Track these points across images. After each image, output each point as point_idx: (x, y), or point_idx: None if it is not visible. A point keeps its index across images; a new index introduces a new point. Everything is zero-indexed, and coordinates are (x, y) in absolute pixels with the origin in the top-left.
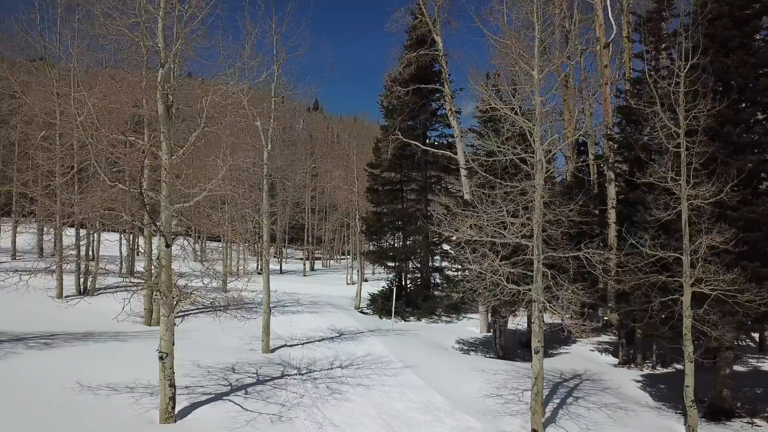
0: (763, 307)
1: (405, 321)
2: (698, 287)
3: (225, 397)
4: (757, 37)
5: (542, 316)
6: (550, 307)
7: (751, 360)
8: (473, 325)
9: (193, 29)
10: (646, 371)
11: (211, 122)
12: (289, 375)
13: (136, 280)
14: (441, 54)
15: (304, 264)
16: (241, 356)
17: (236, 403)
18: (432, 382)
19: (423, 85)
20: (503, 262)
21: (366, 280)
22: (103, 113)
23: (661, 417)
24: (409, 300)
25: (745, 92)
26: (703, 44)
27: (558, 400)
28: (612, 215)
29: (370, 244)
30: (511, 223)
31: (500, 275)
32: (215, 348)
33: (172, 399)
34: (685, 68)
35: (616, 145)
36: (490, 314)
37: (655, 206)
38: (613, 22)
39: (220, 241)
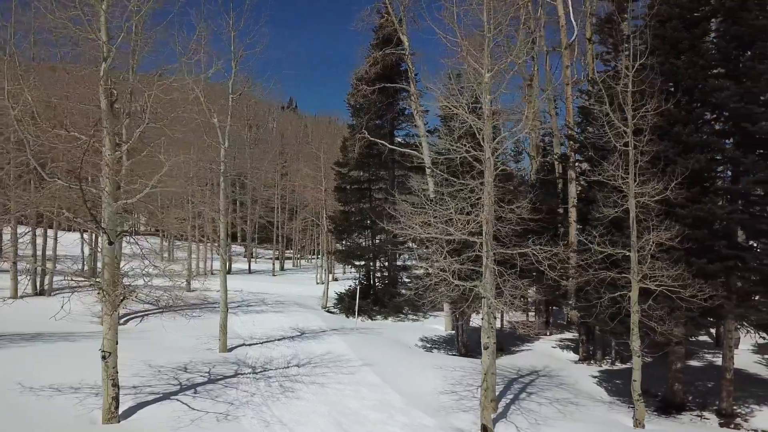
0: (707, 301)
1: (372, 320)
2: (644, 283)
3: (173, 397)
4: (707, 39)
5: (492, 312)
6: (496, 302)
7: (707, 355)
8: (439, 324)
9: (136, 23)
10: (605, 367)
11: (157, 118)
12: (242, 374)
13: (78, 278)
14: (407, 53)
15: (273, 264)
16: (196, 355)
17: (184, 403)
18: (390, 380)
19: (389, 84)
20: (453, 258)
21: (336, 280)
22: (50, 108)
23: (612, 411)
24: (376, 299)
25: (694, 93)
26: (654, 45)
27: (511, 396)
28: (573, 213)
29: (340, 243)
30: (458, 220)
31: (449, 272)
32: (171, 347)
33: (116, 399)
34: (633, 69)
35: (577, 145)
36: (453, 312)
37: (605, 204)
38: (574, 24)
39: (183, 239)
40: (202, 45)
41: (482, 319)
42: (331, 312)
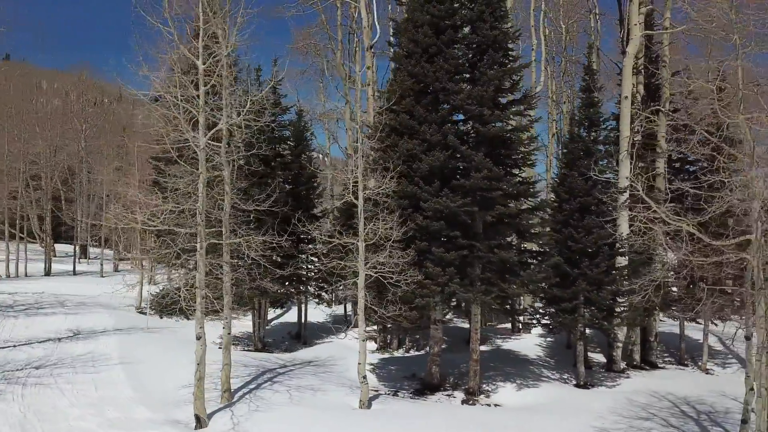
0: (423, 286)
1: (188, 319)
2: (368, 270)
3: None
4: (456, 47)
5: (204, 302)
6: (208, 292)
7: (498, 341)
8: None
9: None
10: (398, 354)
11: None
12: None
13: None
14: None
15: (102, 264)
16: None
17: None
18: (137, 377)
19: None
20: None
21: (171, 280)
22: None
23: (352, 395)
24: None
25: (440, 95)
26: (409, 49)
27: (254, 385)
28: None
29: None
30: (171, 210)
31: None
32: None
33: None
34: (360, 70)
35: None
36: (252, 309)
37: (337, 197)
38: (378, 27)
39: None
40: None
41: (196, 309)
42: (142, 313)
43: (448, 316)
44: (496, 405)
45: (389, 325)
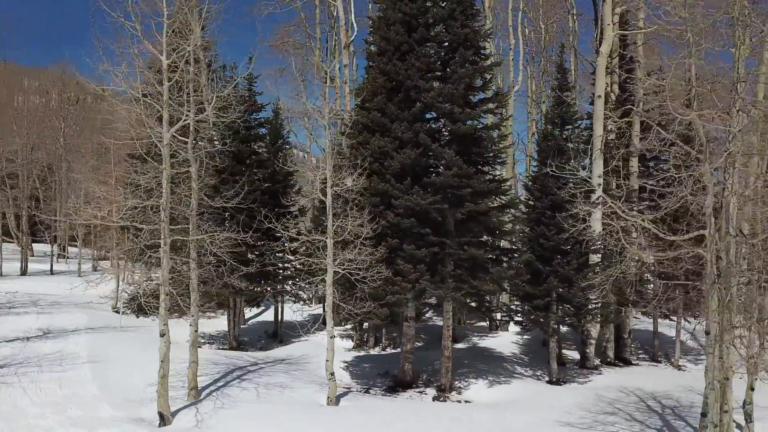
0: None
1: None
2: (336, 267)
3: None
4: (428, 45)
5: (167, 300)
6: (171, 289)
7: (474, 338)
8: None
9: None
10: (373, 352)
11: None
12: None
13: None
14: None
15: (80, 263)
16: None
17: None
18: (105, 375)
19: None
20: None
21: (151, 280)
22: None
23: (320, 392)
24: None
25: (411, 93)
26: (381, 47)
27: (222, 383)
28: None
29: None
30: (134, 206)
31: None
32: None
33: None
34: (332, 65)
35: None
36: (228, 307)
37: (303, 194)
38: (356, 25)
39: None
40: None
41: (160, 306)
42: (118, 312)
43: (428, 315)
44: (466, 401)
45: (366, 324)
